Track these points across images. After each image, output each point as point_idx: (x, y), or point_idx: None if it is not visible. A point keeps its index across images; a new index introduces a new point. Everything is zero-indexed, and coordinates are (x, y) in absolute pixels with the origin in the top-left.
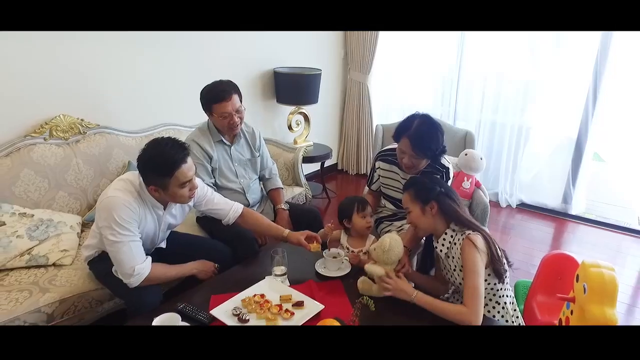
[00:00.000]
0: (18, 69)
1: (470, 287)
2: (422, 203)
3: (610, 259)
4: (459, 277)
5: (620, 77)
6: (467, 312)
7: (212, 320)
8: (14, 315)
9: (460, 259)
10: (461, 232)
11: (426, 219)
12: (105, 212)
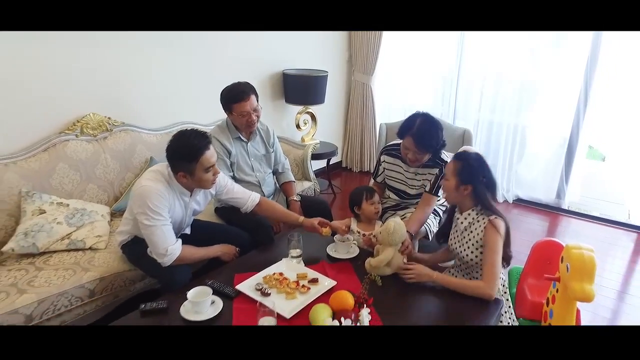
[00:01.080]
0: (54, 72)
1: (490, 265)
2: (459, 180)
3: (602, 250)
4: (468, 250)
5: (609, 79)
6: (484, 287)
7: (237, 294)
8: (63, 289)
9: (479, 237)
10: (486, 214)
11: (457, 194)
12: (140, 199)
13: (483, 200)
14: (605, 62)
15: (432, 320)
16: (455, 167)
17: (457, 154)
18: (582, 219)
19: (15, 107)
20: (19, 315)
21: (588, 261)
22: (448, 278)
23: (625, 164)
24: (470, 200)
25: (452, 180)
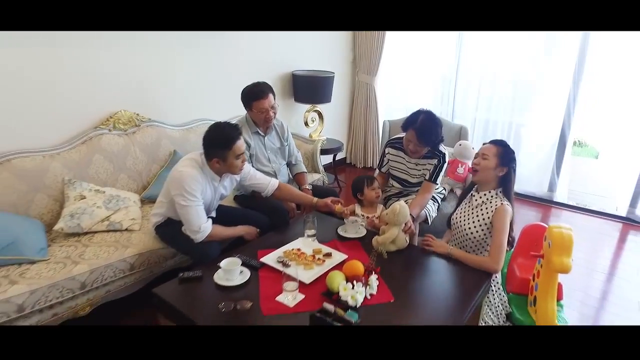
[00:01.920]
0: (90, 73)
1: (497, 244)
2: (499, 162)
3: (591, 238)
4: (472, 225)
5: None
6: (490, 262)
7: (262, 265)
8: (109, 262)
9: (487, 216)
10: (501, 198)
11: (491, 172)
12: (178, 183)
13: (507, 185)
14: (592, 65)
15: (429, 285)
16: (498, 150)
17: (496, 141)
18: (572, 211)
19: (57, 104)
20: (75, 282)
21: (567, 238)
22: (460, 252)
23: (613, 161)
24: (495, 183)
25: (493, 160)
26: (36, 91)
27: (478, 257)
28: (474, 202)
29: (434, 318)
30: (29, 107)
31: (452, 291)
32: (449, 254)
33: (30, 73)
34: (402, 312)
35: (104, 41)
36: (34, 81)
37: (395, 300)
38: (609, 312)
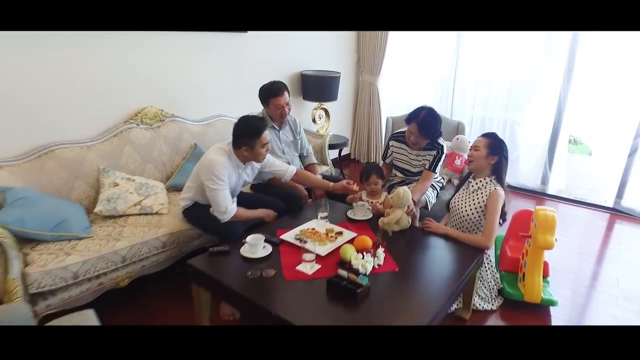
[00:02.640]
0: (120, 72)
1: (490, 223)
2: (489, 151)
3: (582, 227)
4: (469, 208)
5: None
6: (483, 239)
7: (281, 242)
8: (144, 240)
9: (482, 200)
10: (495, 184)
11: (484, 162)
12: (208, 169)
13: (500, 172)
14: (582, 65)
15: (429, 259)
16: (487, 142)
17: (486, 134)
18: (565, 203)
19: (93, 101)
20: (117, 255)
21: (550, 218)
22: (456, 231)
23: (602, 156)
24: (489, 170)
25: (484, 151)
26: (74, 90)
27: (472, 235)
28: (470, 188)
29: (432, 285)
30: (69, 104)
31: (448, 264)
32: (446, 233)
33: (69, 74)
34: (405, 279)
35: (132, 44)
36: (73, 81)
37: (399, 270)
38: (597, 290)
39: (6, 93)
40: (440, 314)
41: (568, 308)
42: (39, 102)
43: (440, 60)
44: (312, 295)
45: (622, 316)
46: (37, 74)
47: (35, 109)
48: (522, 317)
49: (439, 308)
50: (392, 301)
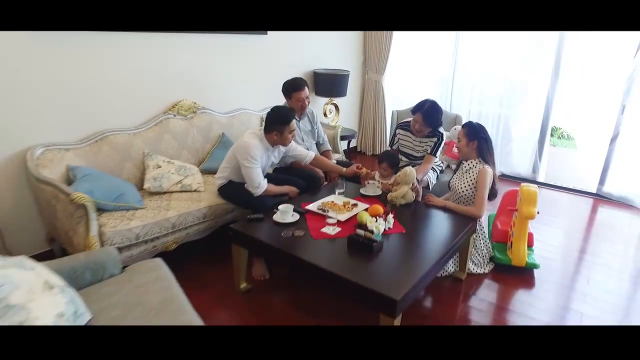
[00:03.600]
0: (161, 68)
1: (480, 196)
2: (468, 139)
3: (569, 211)
4: (464, 185)
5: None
6: (476, 210)
7: (306, 211)
8: (189, 210)
9: (473, 177)
10: (481, 164)
11: (467, 149)
12: (244, 150)
13: (483, 153)
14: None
15: (430, 224)
16: (463, 131)
17: (463, 124)
18: (551, 189)
19: (138, 95)
20: (168, 222)
21: (532, 192)
22: (453, 204)
23: (586, 147)
24: (475, 153)
25: (463, 140)
26: (124, 85)
27: (466, 207)
28: (463, 169)
29: (432, 244)
30: (120, 97)
31: (445, 228)
32: (445, 206)
33: (119, 71)
34: (410, 239)
35: (169, 44)
36: (122, 77)
37: (405, 232)
38: (584, 260)
39: (70, 88)
40: (438, 265)
41: (550, 270)
42: (96, 96)
43: (440, 60)
44: (336, 249)
45: (594, 277)
46: (94, 72)
47: (93, 102)
48: (510, 278)
49: (437, 260)
50: (400, 254)
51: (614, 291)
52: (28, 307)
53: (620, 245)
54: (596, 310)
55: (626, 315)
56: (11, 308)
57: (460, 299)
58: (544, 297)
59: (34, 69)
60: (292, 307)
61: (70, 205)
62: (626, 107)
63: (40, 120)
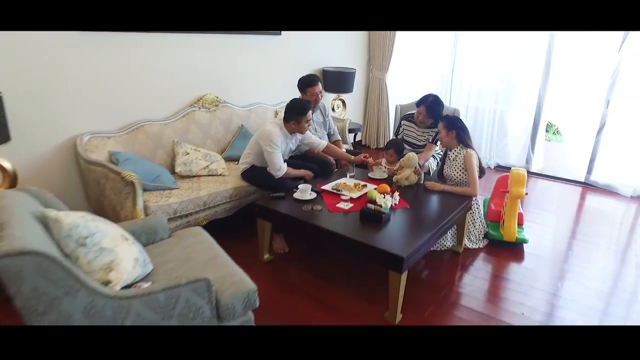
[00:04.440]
0: (187, 66)
1: (471, 177)
2: (446, 130)
3: (560, 197)
4: (455, 172)
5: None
6: (471, 190)
7: (322, 191)
8: (218, 191)
9: (461, 162)
10: (464, 149)
11: (448, 139)
12: (266, 137)
13: (463, 139)
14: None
15: (431, 202)
16: (442, 124)
17: (441, 118)
18: (543, 178)
19: (168, 89)
20: (200, 200)
21: (521, 175)
22: (450, 187)
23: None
24: (455, 141)
25: (443, 131)
26: (156, 80)
27: (463, 188)
28: (451, 158)
29: (432, 217)
30: (153, 91)
31: (444, 204)
32: (443, 190)
33: (152, 67)
34: (414, 212)
35: (195, 43)
36: (154, 73)
37: (409, 207)
38: (571, 239)
39: (111, 83)
40: (437, 233)
41: (539, 246)
42: (133, 90)
43: (440, 59)
44: (350, 220)
45: (577, 251)
46: (131, 69)
47: (130, 95)
48: (502, 252)
49: (437, 229)
50: (405, 224)
51: (597, 262)
52: (115, 251)
53: (605, 227)
54: (579, 277)
55: (604, 280)
56: (104, 250)
57: (458, 268)
58: (532, 268)
59: (81, 67)
60: (309, 275)
61: (119, 183)
62: (610, 102)
63: (86, 112)
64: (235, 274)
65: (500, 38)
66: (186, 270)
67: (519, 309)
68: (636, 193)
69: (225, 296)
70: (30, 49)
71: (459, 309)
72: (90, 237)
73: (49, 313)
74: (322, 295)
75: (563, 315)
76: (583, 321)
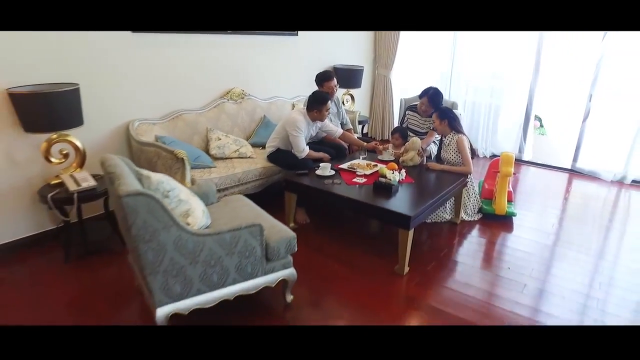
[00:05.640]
0: (219, 62)
1: (465, 157)
2: (440, 120)
3: (548, 182)
4: (450, 155)
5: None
6: (466, 168)
7: (339, 170)
8: (249, 169)
9: (455, 146)
10: (457, 135)
11: (441, 127)
12: (292, 122)
13: (455, 126)
14: (545, 61)
15: (432, 179)
16: (436, 114)
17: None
18: (535, 166)
19: (202, 82)
20: (235, 177)
21: (509, 156)
22: (447, 167)
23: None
24: (448, 129)
25: (437, 120)
26: (192, 74)
27: (459, 167)
28: (445, 143)
29: (433, 189)
30: (190, 84)
31: (443, 180)
32: (442, 169)
33: (189, 64)
34: (418, 186)
35: (225, 43)
36: (191, 68)
37: (414, 182)
38: (557, 216)
39: (155, 77)
40: (437, 202)
41: (526, 219)
42: (173, 83)
43: (440, 58)
44: (365, 191)
45: (564, 224)
46: (171, 64)
47: (171, 87)
48: (494, 224)
49: (437, 198)
50: (411, 194)
51: (581, 230)
52: (189, 202)
53: (587, 207)
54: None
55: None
56: (182, 201)
57: (456, 235)
58: (519, 235)
59: (133, 64)
60: (328, 239)
61: (170, 160)
62: (593, 96)
63: (135, 101)
64: (277, 225)
65: (495, 38)
66: (237, 224)
67: (506, 265)
68: (616, 178)
69: (272, 240)
70: (95, 49)
71: (457, 264)
72: (172, 191)
73: (152, 241)
74: (341, 254)
75: (542, 268)
76: (556, 273)
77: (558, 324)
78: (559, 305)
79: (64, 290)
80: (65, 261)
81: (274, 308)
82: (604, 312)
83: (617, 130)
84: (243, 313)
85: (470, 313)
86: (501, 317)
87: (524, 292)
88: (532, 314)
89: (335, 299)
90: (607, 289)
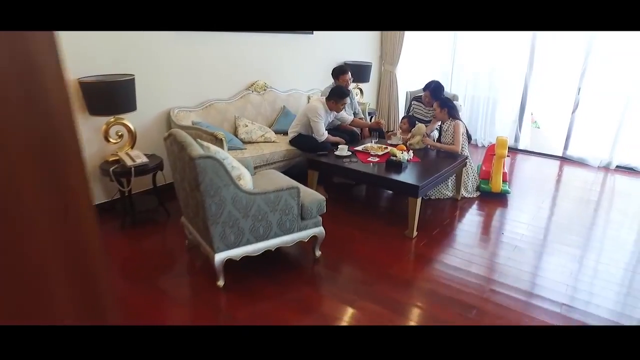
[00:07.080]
0: (245, 57)
1: (456, 139)
2: (440, 108)
3: (541, 169)
4: (449, 139)
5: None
6: (454, 147)
7: (355, 151)
8: (275, 151)
9: (451, 131)
10: (454, 121)
11: (442, 114)
12: (313, 109)
13: (454, 114)
14: (538, 57)
15: (435, 158)
16: (437, 103)
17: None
18: (530, 154)
19: (230, 75)
20: (264, 156)
21: (504, 140)
22: (444, 146)
23: (553, 122)
24: (447, 116)
25: (437, 109)
26: (222, 68)
27: (450, 146)
28: (444, 129)
29: (437, 166)
30: (220, 76)
31: (445, 160)
32: (434, 145)
33: (219, 59)
34: (423, 164)
35: (250, 41)
36: (221, 63)
37: (420, 161)
38: (549, 197)
39: (191, 70)
40: (439, 177)
41: (520, 197)
42: (207, 75)
43: (441, 55)
44: (379, 168)
45: (557, 202)
46: (205, 59)
47: (205, 79)
48: (491, 200)
49: (439, 174)
50: (417, 171)
51: (566, 207)
52: (240, 169)
53: (577, 189)
54: (552, 215)
55: (564, 215)
56: (234, 167)
57: (457, 208)
58: (513, 208)
59: (173, 58)
60: (345, 211)
61: (209, 140)
62: (581, 89)
63: (175, 91)
64: (309, 190)
65: (492, 36)
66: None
67: (501, 231)
68: (602, 164)
69: (307, 201)
70: (146, 45)
71: (458, 231)
72: (227, 159)
73: (215, 196)
74: (356, 221)
75: (532, 234)
76: (544, 236)
77: (543, 275)
78: (546, 261)
79: (121, 252)
80: (121, 228)
81: (306, 261)
82: (583, 258)
83: (603, 120)
84: (283, 264)
85: (471, 265)
86: (500, 270)
87: (514, 251)
88: (522, 267)
89: (355, 255)
90: (585, 243)
